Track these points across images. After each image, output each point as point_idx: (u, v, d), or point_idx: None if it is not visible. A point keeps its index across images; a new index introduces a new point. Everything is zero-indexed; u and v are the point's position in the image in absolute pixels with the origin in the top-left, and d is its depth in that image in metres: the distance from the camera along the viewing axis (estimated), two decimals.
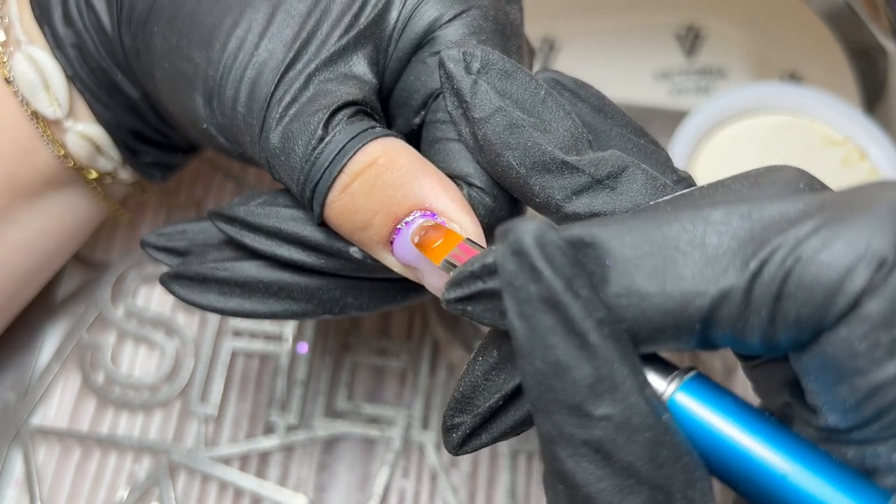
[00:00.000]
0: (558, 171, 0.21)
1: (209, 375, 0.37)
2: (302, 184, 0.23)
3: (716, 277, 0.17)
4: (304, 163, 0.23)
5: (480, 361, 0.21)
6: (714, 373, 0.39)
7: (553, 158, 0.21)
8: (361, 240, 0.23)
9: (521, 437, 0.37)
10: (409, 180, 0.22)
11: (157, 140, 0.31)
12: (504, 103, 0.22)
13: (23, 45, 0.29)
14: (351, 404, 0.37)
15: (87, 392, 0.36)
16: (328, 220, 0.23)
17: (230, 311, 0.26)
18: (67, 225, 0.33)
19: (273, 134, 0.23)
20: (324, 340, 0.38)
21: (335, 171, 0.22)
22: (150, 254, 0.27)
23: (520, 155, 0.22)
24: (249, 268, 0.25)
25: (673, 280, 0.17)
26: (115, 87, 0.29)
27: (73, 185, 0.32)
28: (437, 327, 0.37)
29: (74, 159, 0.30)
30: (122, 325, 0.37)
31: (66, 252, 0.34)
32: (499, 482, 0.36)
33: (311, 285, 0.25)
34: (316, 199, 0.23)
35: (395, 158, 0.23)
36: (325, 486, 0.35)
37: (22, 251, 0.32)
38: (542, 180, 0.22)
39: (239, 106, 0.24)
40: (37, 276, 0.33)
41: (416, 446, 0.36)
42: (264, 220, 0.24)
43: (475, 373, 0.21)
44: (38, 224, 0.31)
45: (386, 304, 0.26)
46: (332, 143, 0.23)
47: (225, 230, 0.25)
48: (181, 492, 0.35)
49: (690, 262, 0.17)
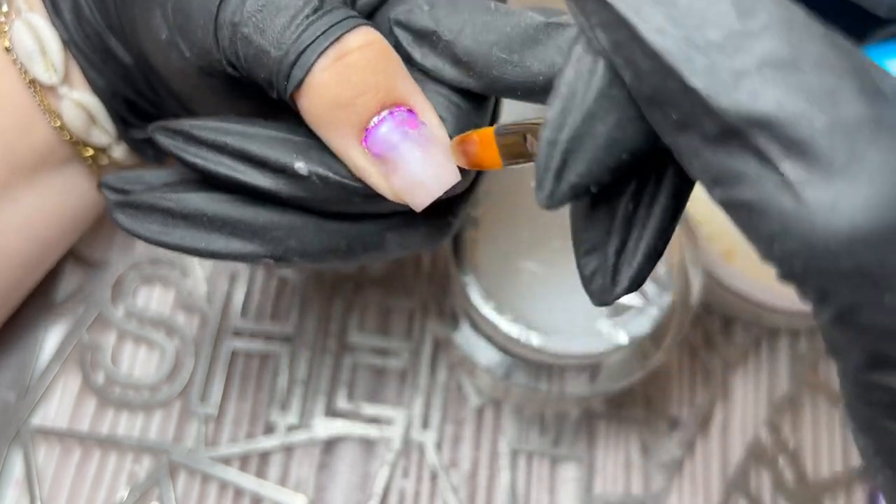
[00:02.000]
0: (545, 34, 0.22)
1: (209, 375, 0.37)
2: (287, 46, 0.22)
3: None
4: (295, 27, 0.22)
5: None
6: (714, 372, 0.39)
7: (536, 26, 0.22)
8: (334, 120, 0.22)
9: (522, 437, 0.37)
10: (399, 75, 0.22)
11: (150, 113, 0.31)
12: (461, 9, 0.23)
13: (23, 13, 0.29)
14: (351, 404, 0.37)
15: (88, 392, 0.36)
16: (305, 91, 0.22)
17: (171, 245, 0.25)
18: (66, 209, 0.33)
19: (249, 1, 0.22)
20: (324, 340, 0.38)
21: (330, 39, 0.22)
22: (106, 194, 0.27)
23: (505, 44, 0.22)
24: (195, 199, 0.24)
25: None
26: (108, 52, 0.29)
27: (71, 164, 0.32)
28: (437, 327, 0.37)
29: (70, 131, 0.30)
30: (123, 325, 0.37)
31: (66, 240, 0.34)
32: (499, 482, 0.36)
33: (256, 222, 0.24)
34: (300, 63, 0.22)
35: (389, 49, 0.23)
36: (326, 486, 0.35)
37: (23, 234, 0.32)
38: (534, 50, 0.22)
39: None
40: (37, 264, 0.33)
41: (416, 446, 0.36)
42: (209, 134, 0.24)
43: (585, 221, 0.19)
44: (38, 204, 0.32)
45: (330, 254, 0.25)
46: (330, 14, 0.22)
47: (165, 143, 0.24)
48: (181, 492, 0.35)
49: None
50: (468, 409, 0.37)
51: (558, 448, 0.37)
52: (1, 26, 0.29)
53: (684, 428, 0.38)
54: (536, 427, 0.37)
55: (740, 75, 0.14)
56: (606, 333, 0.32)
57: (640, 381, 0.37)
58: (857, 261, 0.13)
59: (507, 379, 0.35)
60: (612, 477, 0.37)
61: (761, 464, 0.38)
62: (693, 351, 0.39)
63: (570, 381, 0.35)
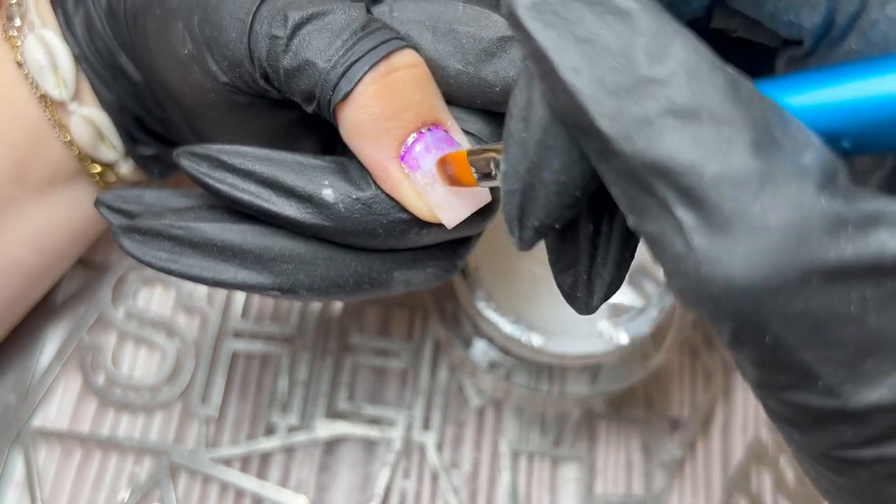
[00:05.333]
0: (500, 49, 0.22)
1: (210, 376, 0.37)
2: (336, 60, 0.22)
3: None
4: (344, 42, 0.22)
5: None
6: (714, 372, 0.39)
7: (490, 40, 0.22)
8: (377, 131, 0.23)
9: (523, 438, 0.37)
10: (438, 96, 0.23)
11: (157, 132, 0.31)
12: (422, 17, 0.23)
13: (36, 28, 0.29)
14: (352, 405, 0.37)
15: (88, 393, 0.36)
16: (352, 103, 0.23)
17: (177, 272, 0.25)
18: (74, 224, 0.33)
19: (291, 13, 0.23)
20: (325, 341, 0.38)
21: (380, 55, 0.22)
22: (101, 212, 0.27)
23: (461, 56, 0.23)
24: (206, 229, 0.24)
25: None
26: (118, 68, 0.29)
27: (79, 179, 0.32)
28: (437, 328, 0.37)
29: (78, 146, 0.30)
30: (123, 327, 0.37)
31: (72, 254, 0.34)
32: (500, 483, 0.36)
33: (266, 254, 0.24)
34: (348, 75, 0.22)
35: (429, 73, 0.23)
36: (326, 487, 0.35)
37: (30, 247, 0.32)
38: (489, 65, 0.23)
39: (227, 3, 0.24)
40: (43, 277, 0.34)
41: (416, 447, 0.36)
42: (237, 159, 0.24)
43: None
44: (46, 219, 0.32)
45: (337, 289, 0.25)
46: (378, 32, 0.23)
47: (189, 169, 0.24)
48: (182, 493, 0.35)
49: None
50: (469, 409, 0.37)
51: (559, 448, 0.37)
52: (13, 41, 0.29)
53: (685, 428, 0.38)
54: (537, 427, 0.37)
55: (643, 122, 0.14)
56: (607, 334, 0.32)
57: (641, 382, 0.37)
58: (737, 308, 0.14)
59: (508, 380, 0.35)
60: (613, 477, 0.37)
61: (762, 464, 0.38)
62: (694, 351, 0.39)
63: (570, 381, 0.35)
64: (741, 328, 0.14)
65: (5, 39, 0.30)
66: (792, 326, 0.14)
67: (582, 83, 0.15)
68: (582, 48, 0.15)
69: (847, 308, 0.14)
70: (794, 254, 0.13)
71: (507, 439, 0.37)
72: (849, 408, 0.14)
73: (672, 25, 0.15)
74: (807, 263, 0.13)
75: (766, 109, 0.14)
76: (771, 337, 0.14)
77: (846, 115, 0.15)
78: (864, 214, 0.14)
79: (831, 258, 0.13)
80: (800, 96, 0.15)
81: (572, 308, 0.21)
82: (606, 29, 0.15)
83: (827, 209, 0.13)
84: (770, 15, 0.17)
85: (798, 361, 0.14)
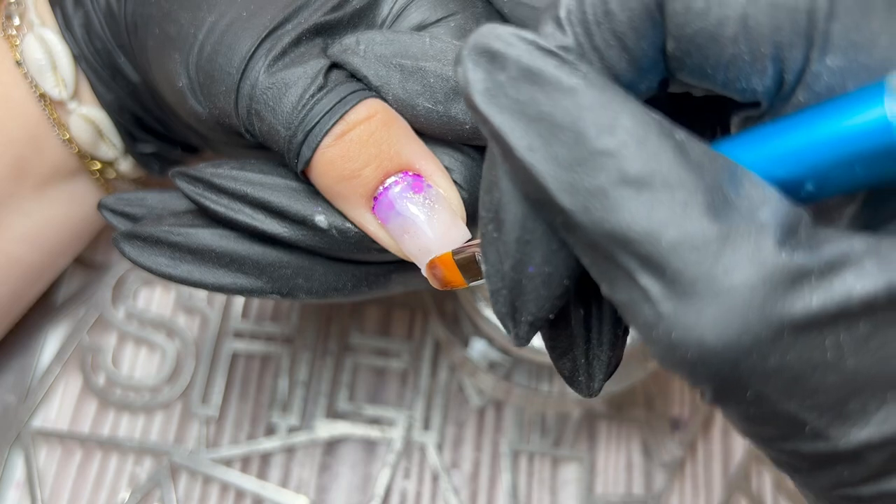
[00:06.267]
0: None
1: (210, 377, 0.37)
2: (295, 127, 0.23)
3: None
4: (301, 107, 0.23)
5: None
6: None
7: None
8: (343, 192, 0.23)
9: (523, 438, 0.37)
10: (403, 141, 0.23)
11: (156, 130, 0.32)
12: (389, 52, 0.24)
13: (35, 28, 0.29)
14: (352, 405, 0.37)
15: (88, 394, 0.36)
16: (314, 168, 0.23)
17: (177, 278, 0.25)
18: (73, 221, 0.33)
19: (262, 78, 0.23)
20: (325, 341, 0.38)
21: (335, 118, 0.23)
22: (105, 216, 0.27)
23: (429, 95, 0.23)
24: (204, 235, 0.25)
25: None
26: (117, 69, 0.30)
27: (79, 176, 0.32)
28: (437, 328, 0.37)
29: (78, 144, 0.31)
30: (123, 327, 0.37)
31: (71, 250, 0.34)
32: (500, 483, 0.36)
33: (264, 260, 0.25)
34: (308, 142, 0.23)
35: (392, 118, 0.23)
36: (327, 488, 0.35)
37: (29, 244, 0.32)
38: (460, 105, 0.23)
39: (219, 56, 0.24)
40: (43, 274, 0.34)
41: (417, 447, 0.36)
42: (230, 183, 0.24)
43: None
44: (45, 216, 0.32)
45: (336, 292, 0.26)
46: (333, 91, 0.23)
47: (186, 190, 0.25)
48: (182, 493, 0.35)
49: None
50: (469, 409, 0.37)
51: (559, 449, 0.37)
52: (12, 39, 0.29)
53: (685, 428, 0.38)
54: (538, 428, 0.37)
55: (598, 193, 0.14)
56: None
57: (642, 382, 0.37)
58: (713, 370, 0.14)
59: (508, 380, 0.35)
60: (613, 477, 0.37)
61: (763, 464, 0.38)
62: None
63: None
64: (721, 388, 0.14)
65: (4, 38, 0.30)
66: (771, 381, 0.14)
67: (538, 161, 0.15)
68: (535, 127, 0.15)
69: (823, 356, 0.14)
70: (761, 312, 0.13)
71: (507, 439, 0.37)
72: (840, 449, 0.15)
73: (620, 97, 0.15)
74: (776, 319, 0.13)
75: (719, 170, 0.15)
76: (752, 392, 0.14)
77: (801, 159, 0.15)
78: (827, 261, 0.14)
79: (799, 311, 0.13)
80: (757, 148, 0.16)
81: (575, 392, 0.21)
82: (555, 107, 0.15)
83: (787, 263, 0.14)
84: (723, 84, 0.17)
85: (782, 412, 0.14)
